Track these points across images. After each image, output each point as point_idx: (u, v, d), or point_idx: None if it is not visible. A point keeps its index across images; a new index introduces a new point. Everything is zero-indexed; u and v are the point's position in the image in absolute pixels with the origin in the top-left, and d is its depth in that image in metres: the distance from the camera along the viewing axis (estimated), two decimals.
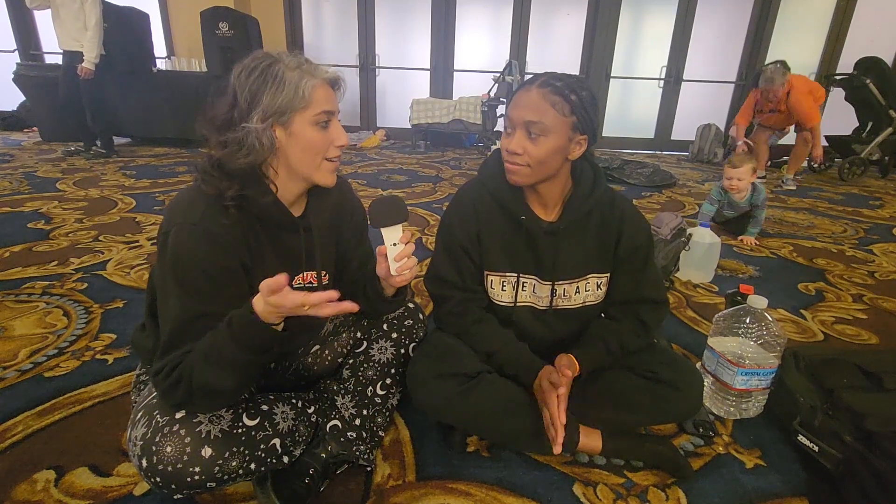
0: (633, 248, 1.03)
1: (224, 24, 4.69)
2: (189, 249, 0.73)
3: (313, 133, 0.77)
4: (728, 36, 6.07)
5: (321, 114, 0.76)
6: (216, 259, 0.74)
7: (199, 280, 0.73)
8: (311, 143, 0.77)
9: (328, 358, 1.04)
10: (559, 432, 0.85)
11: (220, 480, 0.75)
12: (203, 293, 0.74)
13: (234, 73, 0.76)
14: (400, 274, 0.82)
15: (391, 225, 0.80)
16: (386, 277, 0.86)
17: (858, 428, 0.96)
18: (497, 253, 1.02)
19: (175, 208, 0.76)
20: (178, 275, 0.73)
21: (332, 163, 0.81)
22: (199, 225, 0.73)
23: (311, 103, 0.75)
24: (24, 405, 1.10)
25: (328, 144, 0.79)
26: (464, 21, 6.10)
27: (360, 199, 1.03)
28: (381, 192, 3.44)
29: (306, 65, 0.76)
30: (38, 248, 2.09)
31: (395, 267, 0.81)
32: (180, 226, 0.73)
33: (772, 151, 5.42)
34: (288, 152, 0.78)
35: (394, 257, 0.81)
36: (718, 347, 1.17)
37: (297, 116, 0.75)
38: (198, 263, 0.73)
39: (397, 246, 0.81)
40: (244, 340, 0.68)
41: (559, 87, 0.89)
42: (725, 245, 2.38)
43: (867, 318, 1.75)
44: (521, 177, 0.94)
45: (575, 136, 0.92)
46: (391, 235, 0.80)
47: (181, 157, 4.56)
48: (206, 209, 0.75)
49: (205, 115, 0.77)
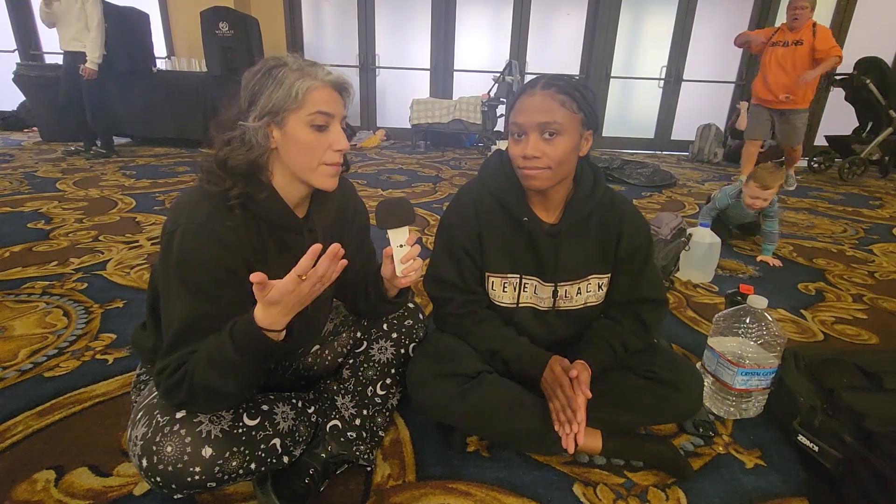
0: (633, 249, 1.03)
1: (224, 24, 4.69)
2: (194, 249, 0.73)
3: (307, 134, 0.76)
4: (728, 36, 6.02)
5: (315, 114, 0.75)
6: (221, 260, 0.74)
7: (204, 280, 0.73)
8: (304, 144, 0.76)
9: (328, 358, 1.04)
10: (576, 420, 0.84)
11: (220, 480, 0.75)
12: (207, 294, 0.74)
13: (244, 76, 0.78)
14: (406, 275, 0.82)
15: (398, 227, 0.80)
16: (391, 279, 0.86)
17: (858, 428, 0.96)
18: (498, 254, 1.02)
19: (179, 208, 0.76)
20: (182, 275, 0.73)
21: (331, 167, 0.80)
22: (205, 225, 0.73)
23: (305, 103, 0.75)
24: (24, 405, 1.10)
25: (325, 148, 0.78)
26: (464, 21, 6.10)
27: (363, 200, 1.03)
28: (382, 193, 3.44)
29: (309, 67, 0.76)
30: (38, 248, 2.09)
31: (401, 268, 0.81)
32: (185, 226, 0.73)
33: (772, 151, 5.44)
34: (284, 153, 0.78)
35: (400, 259, 0.81)
36: (718, 347, 1.17)
37: (290, 116, 0.75)
38: (202, 264, 0.73)
39: (403, 247, 0.81)
40: (246, 348, 0.69)
41: (562, 85, 0.89)
42: (725, 245, 2.38)
43: (867, 318, 1.75)
44: (542, 180, 0.93)
45: (584, 133, 0.93)
46: (397, 237, 0.80)
47: (181, 157, 4.56)
48: (211, 210, 0.75)
49: (216, 118, 0.78)
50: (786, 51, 3.58)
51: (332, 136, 0.78)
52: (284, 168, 0.79)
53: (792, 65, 3.57)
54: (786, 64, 3.59)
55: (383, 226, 0.80)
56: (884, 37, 5.70)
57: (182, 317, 0.73)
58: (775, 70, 3.63)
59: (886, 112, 4.48)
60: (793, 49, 3.56)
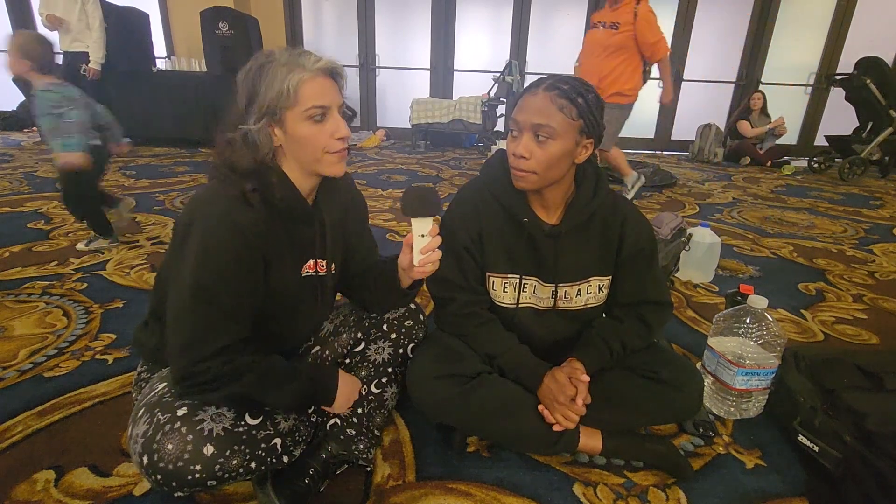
0: (636, 251, 1.02)
1: (224, 24, 4.69)
2: (217, 239, 0.73)
3: (307, 128, 0.76)
4: (728, 36, 6.07)
5: (311, 109, 0.75)
6: (240, 250, 0.75)
7: (224, 270, 0.74)
8: (306, 138, 0.77)
9: (328, 359, 1.04)
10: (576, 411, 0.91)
11: (220, 479, 0.75)
12: (226, 283, 0.74)
13: (238, 77, 0.78)
14: (423, 266, 0.82)
15: (423, 217, 0.80)
16: (407, 268, 0.87)
17: (858, 428, 0.96)
18: (498, 254, 1.02)
19: (197, 203, 0.77)
20: (201, 265, 0.73)
21: (336, 154, 0.80)
22: (227, 216, 0.74)
23: (300, 99, 0.75)
24: (24, 405, 1.10)
25: (326, 138, 0.78)
26: (464, 21, 6.10)
27: (361, 192, 1.04)
28: (382, 192, 3.44)
29: (297, 57, 0.75)
30: (37, 248, 2.09)
31: (418, 258, 0.82)
32: (208, 216, 0.74)
33: (772, 151, 5.44)
34: (288, 149, 0.79)
35: (420, 249, 0.81)
36: (718, 347, 1.17)
37: (287, 114, 0.75)
38: (223, 254, 0.74)
39: (425, 238, 0.81)
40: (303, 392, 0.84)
41: (566, 90, 0.88)
42: (725, 245, 2.38)
43: (867, 318, 1.75)
44: (528, 183, 0.93)
45: (582, 140, 0.92)
46: (421, 226, 0.81)
47: (181, 157, 4.56)
48: (229, 203, 0.75)
49: (223, 121, 0.79)
50: (602, 34, 2.93)
51: (332, 124, 0.78)
52: (292, 161, 0.80)
53: (603, 50, 2.89)
54: (595, 49, 2.95)
55: (409, 213, 0.80)
56: (884, 37, 5.70)
57: (196, 308, 0.73)
58: (586, 54, 3.06)
59: (886, 112, 4.48)
60: (607, 33, 2.91)
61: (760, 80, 6.08)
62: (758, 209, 3.41)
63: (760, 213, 3.28)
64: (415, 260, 0.82)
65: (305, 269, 0.89)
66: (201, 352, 0.73)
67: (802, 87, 6.20)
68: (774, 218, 3.17)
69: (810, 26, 5.93)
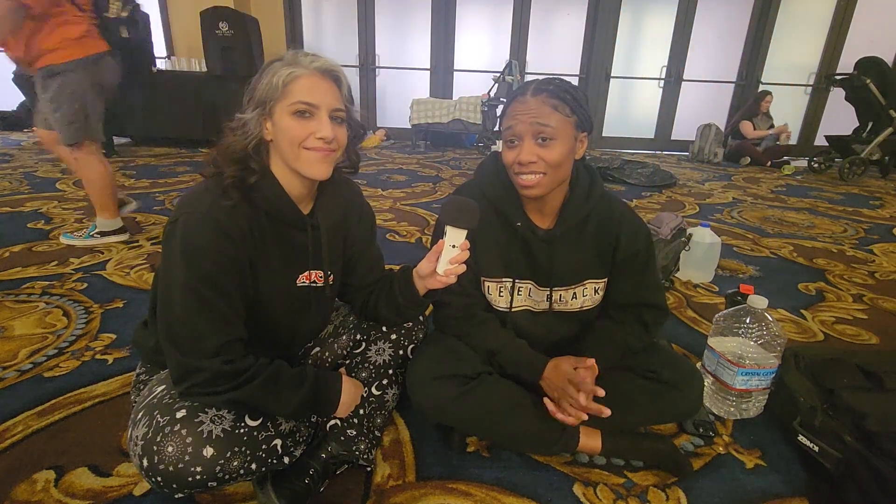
0: (632, 253, 1.02)
1: (224, 24, 4.69)
2: (198, 236, 0.74)
3: (289, 122, 0.77)
4: (728, 36, 6.07)
5: (297, 103, 0.76)
6: (223, 248, 0.75)
7: (207, 268, 0.74)
8: (286, 131, 0.77)
9: (328, 360, 1.04)
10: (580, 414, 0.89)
11: (220, 480, 0.75)
12: (211, 281, 0.74)
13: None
14: (446, 275, 0.84)
15: (460, 228, 0.81)
16: (426, 276, 0.87)
17: (858, 428, 0.96)
18: (491, 258, 1.02)
19: (184, 201, 0.78)
20: (186, 262, 0.73)
21: (312, 152, 0.79)
22: (209, 214, 0.75)
23: (288, 93, 0.76)
24: (24, 405, 1.10)
25: (305, 133, 0.78)
26: (464, 21, 6.10)
27: (370, 205, 1.04)
28: (382, 192, 3.44)
29: (296, 57, 0.78)
30: (37, 248, 2.09)
31: (444, 268, 0.83)
32: (189, 214, 0.75)
33: (772, 151, 5.44)
34: (276, 144, 0.80)
35: (449, 259, 0.82)
36: (718, 347, 1.17)
37: (276, 106, 0.77)
38: (206, 251, 0.74)
39: (455, 249, 0.82)
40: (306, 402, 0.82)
41: (553, 90, 0.89)
42: (725, 245, 2.38)
43: (867, 318, 1.75)
44: (540, 188, 0.92)
45: (578, 135, 0.92)
46: (455, 237, 0.82)
47: (181, 157, 4.56)
48: (213, 201, 0.76)
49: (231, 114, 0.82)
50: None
51: (316, 124, 0.78)
52: (279, 160, 0.81)
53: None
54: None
55: (448, 220, 0.81)
56: (884, 37, 5.70)
57: (186, 304, 0.73)
58: None
59: (886, 112, 4.49)
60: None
61: (760, 80, 6.09)
62: (758, 209, 3.41)
63: (760, 213, 3.28)
64: (439, 268, 0.83)
65: (301, 280, 0.89)
66: (197, 349, 0.73)
67: (802, 87, 6.21)
68: (774, 218, 3.17)
69: (810, 26, 5.93)
